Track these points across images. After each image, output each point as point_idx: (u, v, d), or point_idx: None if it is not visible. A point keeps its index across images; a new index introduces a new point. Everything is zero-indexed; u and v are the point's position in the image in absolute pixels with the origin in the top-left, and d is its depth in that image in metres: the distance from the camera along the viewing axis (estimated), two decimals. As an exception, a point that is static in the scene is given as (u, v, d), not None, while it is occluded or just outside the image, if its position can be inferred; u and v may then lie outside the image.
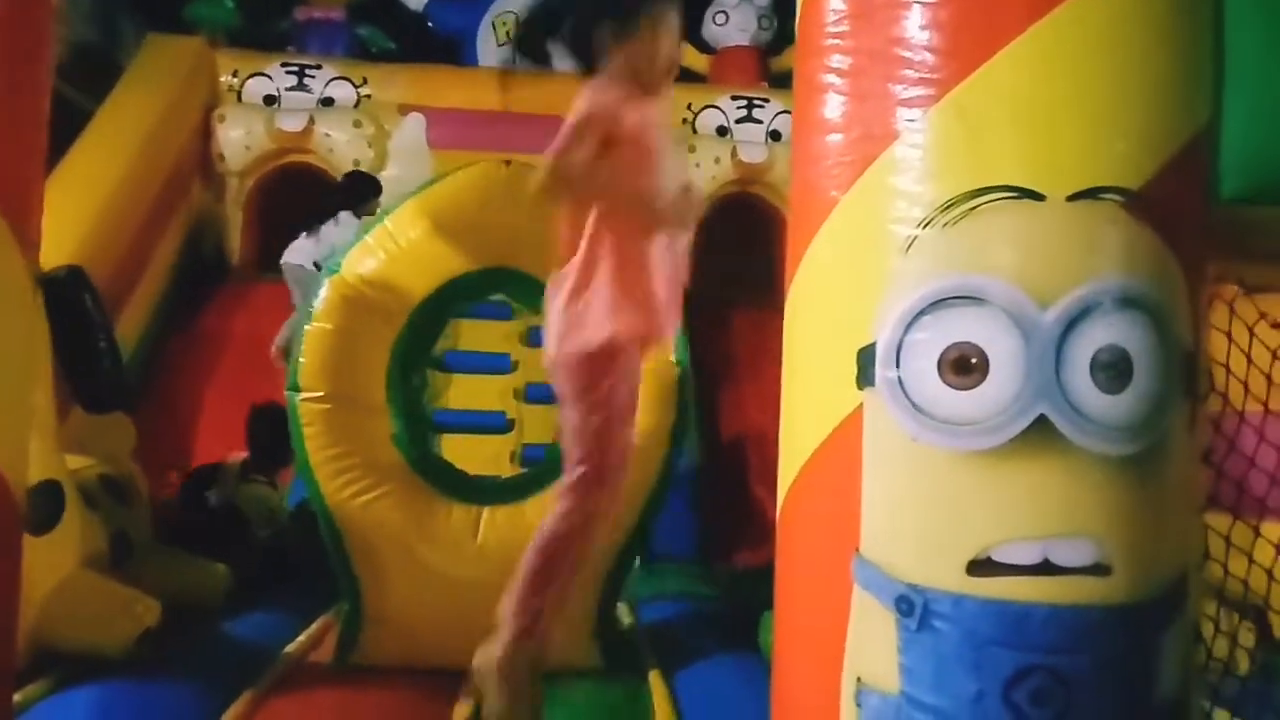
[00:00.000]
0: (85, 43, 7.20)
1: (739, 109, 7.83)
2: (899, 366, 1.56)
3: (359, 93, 7.53)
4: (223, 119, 7.28)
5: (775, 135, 7.63)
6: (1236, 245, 1.85)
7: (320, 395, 3.26)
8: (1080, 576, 1.52)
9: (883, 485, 1.59)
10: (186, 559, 4.01)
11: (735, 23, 8.77)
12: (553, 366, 2.78)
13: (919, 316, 1.55)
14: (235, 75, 7.50)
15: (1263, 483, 2.19)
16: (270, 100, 7.46)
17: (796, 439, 1.75)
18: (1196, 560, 1.69)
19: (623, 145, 2.61)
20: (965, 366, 1.52)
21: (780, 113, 7.63)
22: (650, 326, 2.73)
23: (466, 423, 5.08)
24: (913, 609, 1.54)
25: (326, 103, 7.47)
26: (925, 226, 1.56)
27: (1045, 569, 1.52)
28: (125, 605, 3.21)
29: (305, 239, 6.00)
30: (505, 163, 3.51)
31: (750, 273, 7.39)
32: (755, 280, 7.35)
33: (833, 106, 1.69)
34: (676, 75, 2.85)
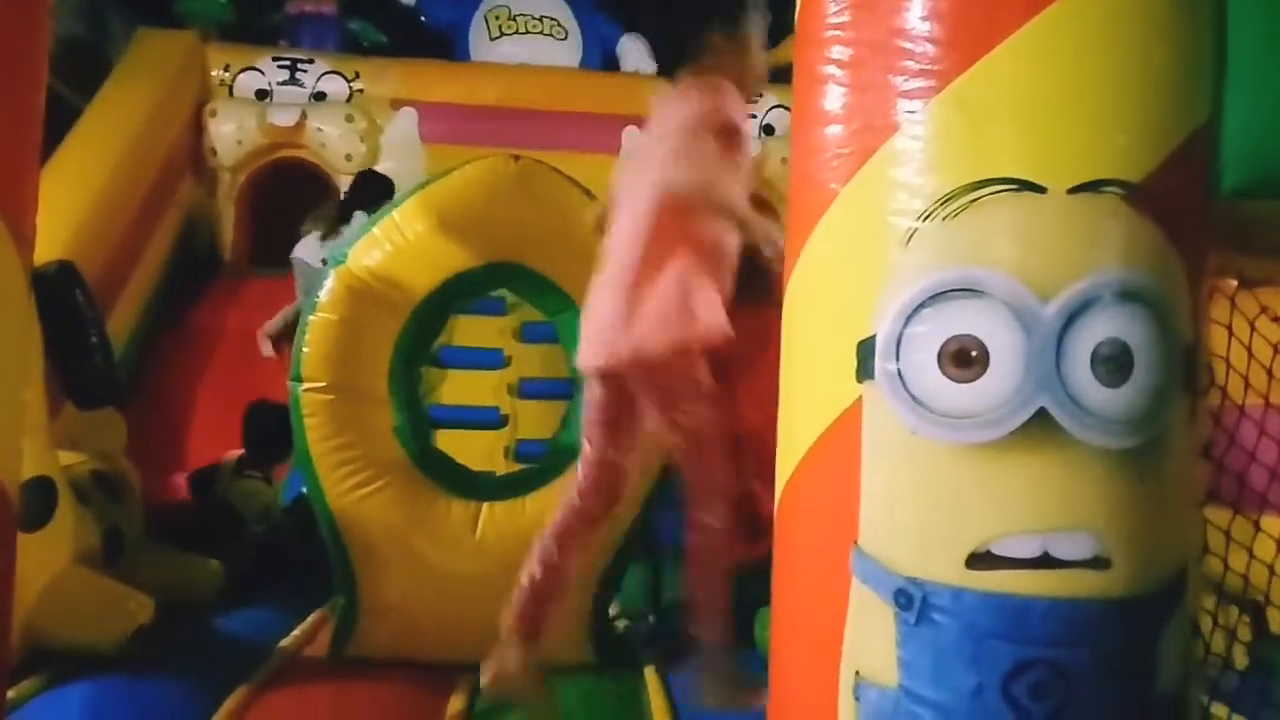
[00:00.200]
0: (75, 37, 7.15)
1: (733, 104, 7.81)
2: (899, 359, 1.55)
3: (351, 87, 7.50)
4: (214, 114, 7.24)
5: (769, 130, 7.61)
6: (1237, 239, 1.85)
7: (323, 386, 3.24)
8: (1080, 570, 1.52)
9: (882, 478, 1.58)
10: (180, 555, 4.00)
11: (729, 17, 8.75)
12: (598, 356, 2.69)
13: (919, 309, 1.54)
14: (227, 70, 7.46)
15: (1263, 477, 2.19)
16: (262, 95, 7.43)
17: (795, 432, 1.74)
18: (1196, 554, 1.69)
19: (720, 146, 2.60)
20: (965, 359, 1.52)
21: (774, 107, 7.60)
22: (709, 331, 2.67)
23: (460, 418, 5.06)
24: (911, 602, 1.54)
25: (319, 97, 7.44)
26: (925, 219, 1.55)
27: (1045, 562, 1.51)
28: (118, 602, 3.20)
29: (315, 237, 5.92)
30: (514, 158, 3.49)
31: (745, 267, 7.40)
32: (749, 275, 7.36)
33: (833, 98, 1.68)
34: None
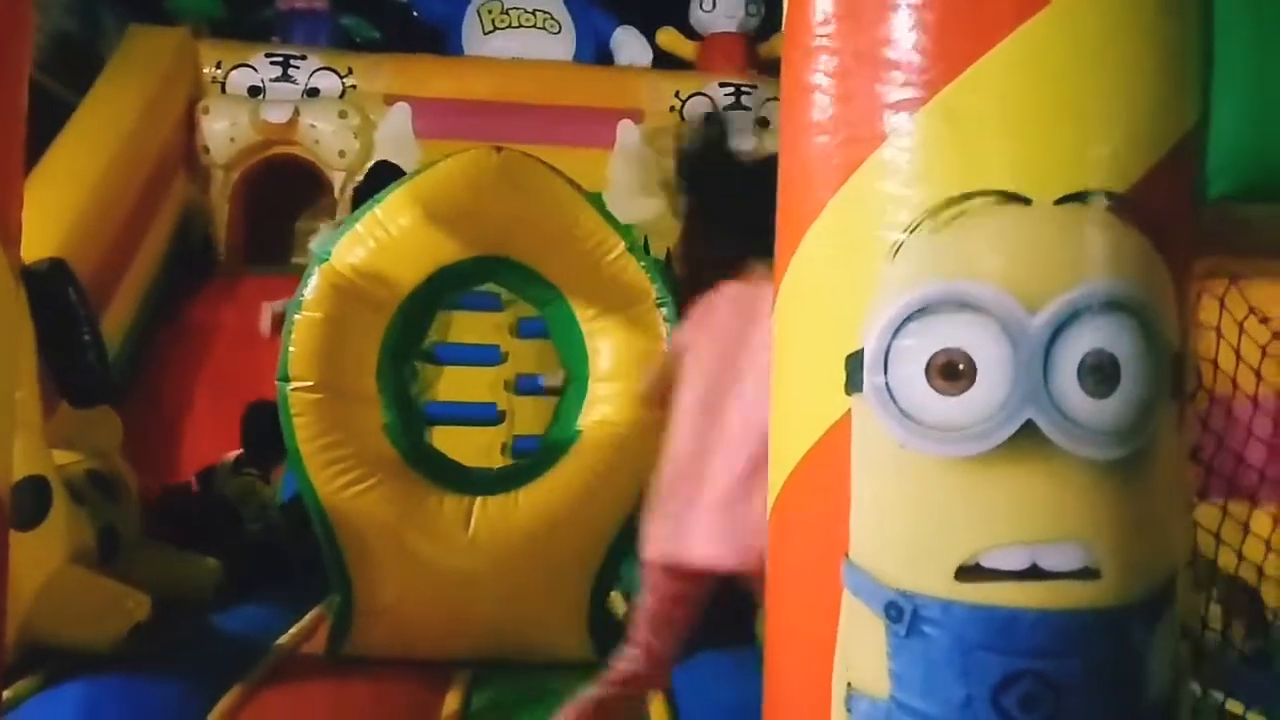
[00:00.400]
0: (65, 34, 7.13)
1: (727, 96, 7.80)
2: (887, 372, 1.55)
3: (344, 83, 7.48)
4: (207, 111, 7.22)
5: (763, 122, 7.60)
6: (1227, 242, 1.85)
7: (310, 385, 3.23)
8: (1068, 581, 1.52)
9: (871, 491, 1.58)
10: (176, 553, 4.01)
11: (723, 9, 8.72)
12: (734, 555, 2.52)
13: (906, 322, 1.54)
14: (219, 66, 7.44)
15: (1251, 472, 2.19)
16: (255, 91, 7.41)
17: (785, 444, 1.74)
18: (1185, 561, 1.70)
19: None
20: (953, 372, 1.52)
21: (769, 99, 7.59)
22: None
23: (457, 414, 5.07)
24: (902, 615, 1.54)
25: (311, 94, 7.42)
26: (912, 231, 1.55)
27: (1033, 574, 1.51)
28: (115, 600, 3.21)
29: (331, 227, 5.90)
30: (497, 149, 3.47)
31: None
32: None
33: (820, 108, 1.67)
34: None
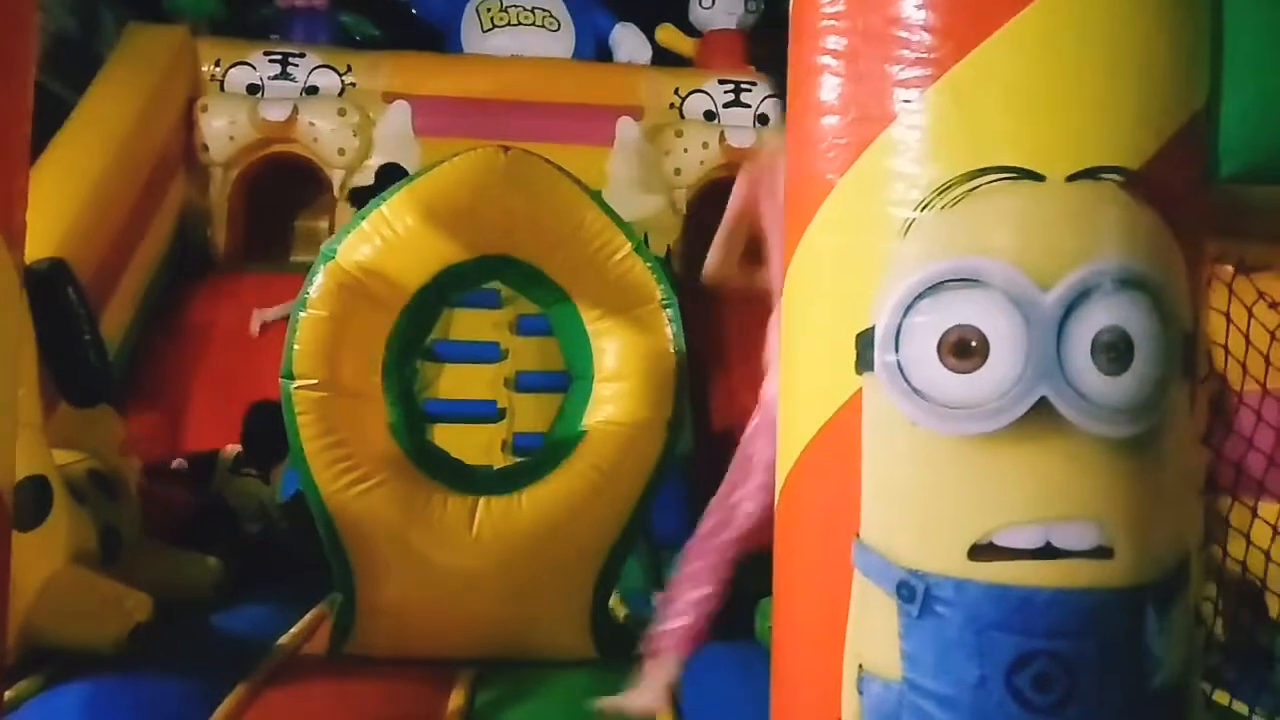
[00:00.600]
0: (64, 32, 7.11)
1: (727, 93, 7.79)
2: (898, 350, 1.54)
3: (343, 81, 7.46)
4: (206, 109, 7.20)
5: (763, 119, 7.60)
6: (1234, 225, 1.84)
7: (315, 382, 3.22)
8: (1083, 560, 1.51)
9: (883, 470, 1.58)
10: (177, 553, 3.99)
11: (722, 6, 8.71)
12: None
13: (918, 300, 1.53)
14: (218, 64, 7.42)
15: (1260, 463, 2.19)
16: (254, 89, 7.39)
17: (795, 425, 1.73)
18: (1198, 542, 1.69)
19: None
20: (965, 350, 1.51)
21: (768, 96, 7.59)
22: None
23: (458, 412, 5.05)
24: (914, 595, 1.53)
25: (311, 91, 7.40)
26: (923, 209, 1.54)
27: (1047, 553, 1.50)
28: (115, 601, 3.19)
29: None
30: (503, 149, 3.45)
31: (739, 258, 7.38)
32: (745, 265, 7.35)
33: (828, 88, 1.67)
34: None
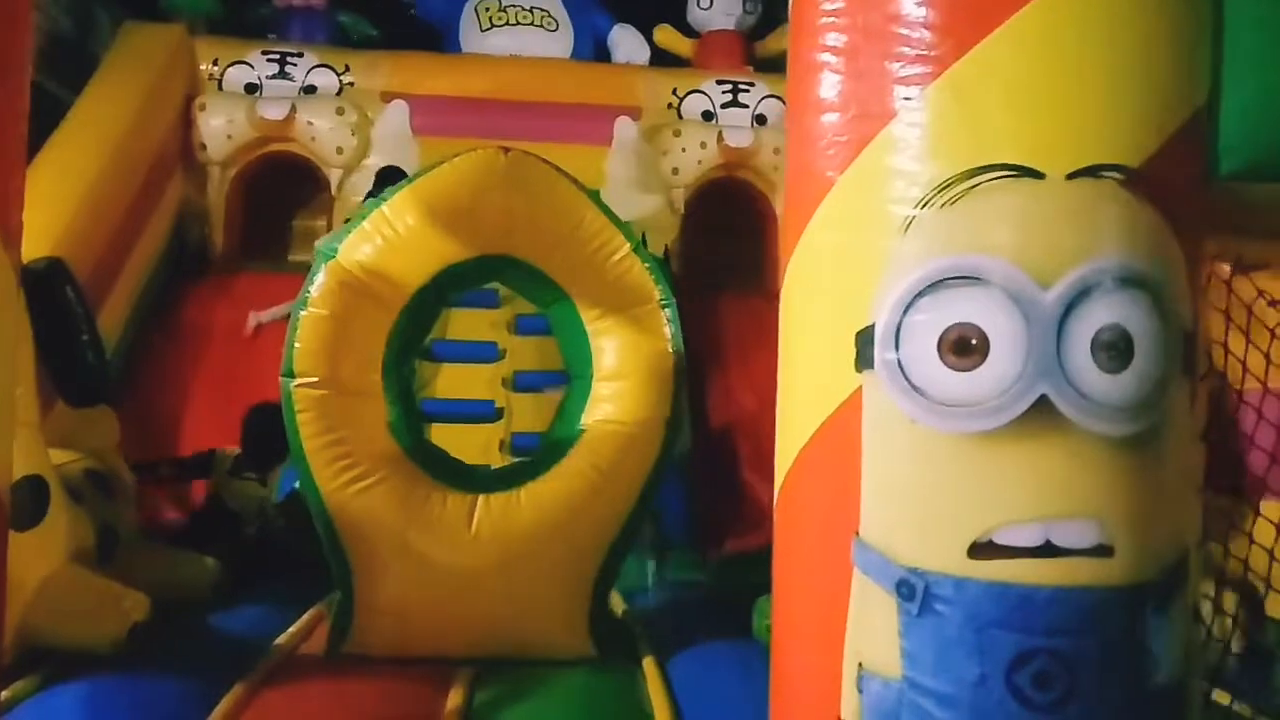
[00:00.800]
0: (60, 32, 7.10)
1: (724, 93, 7.78)
2: (898, 348, 1.54)
3: (341, 80, 7.44)
4: (203, 108, 7.18)
5: (761, 119, 7.60)
6: (1234, 222, 1.84)
7: (315, 381, 3.21)
8: (1083, 558, 1.51)
9: (882, 468, 1.57)
10: (175, 553, 3.98)
11: (720, 7, 8.70)
12: None
13: (918, 298, 1.53)
14: (215, 64, 7.40)
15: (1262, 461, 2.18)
16: (252, 89, 7.37)
17: (794, 423, 1.73)
18: (1196, 540, 1.68)
19: None
20: (965, 347, 1.50)
21: (766, 97, 7.59)
22: None
23: (455, 412, 5.03)
24: (914, 593, 1.53)
25: (309, 91, 7.38)
26: (924, 206, 1.54)
27: (1047, 551, 1.50)
28: (113, 600, 3.18)
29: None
30: (503, 150, 3.45)
31: (738, 257, 7.39)
32: (742, 265, 7.36)
33: (828, 86, 1.66)
34: None
